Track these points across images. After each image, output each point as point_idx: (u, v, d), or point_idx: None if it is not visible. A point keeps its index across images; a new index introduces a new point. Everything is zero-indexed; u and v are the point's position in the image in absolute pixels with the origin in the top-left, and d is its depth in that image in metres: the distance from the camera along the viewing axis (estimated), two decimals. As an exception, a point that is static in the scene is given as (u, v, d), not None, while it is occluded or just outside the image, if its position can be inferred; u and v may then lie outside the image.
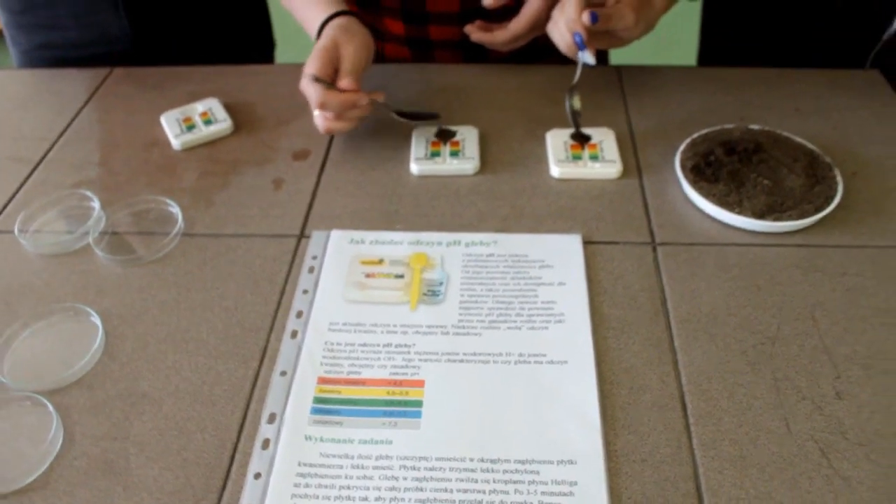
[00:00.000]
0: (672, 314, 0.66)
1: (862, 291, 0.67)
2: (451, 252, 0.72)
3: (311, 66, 0.78)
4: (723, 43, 1.14)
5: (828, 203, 0.74)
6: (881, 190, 0.78)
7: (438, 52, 1.04)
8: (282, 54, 1.29)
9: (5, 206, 0.81)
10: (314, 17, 0.86)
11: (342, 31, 0.82)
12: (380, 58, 0.99)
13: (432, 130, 0.86)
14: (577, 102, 0.85)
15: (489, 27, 0.92)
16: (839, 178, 0.77)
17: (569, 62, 0.84)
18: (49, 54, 1.08)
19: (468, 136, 0.85)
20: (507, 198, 0.79)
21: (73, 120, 0.93)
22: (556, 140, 0.84)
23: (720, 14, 1.13)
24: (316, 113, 0.79)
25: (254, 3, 1.22)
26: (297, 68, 0.80)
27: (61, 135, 0.91)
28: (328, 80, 0.78)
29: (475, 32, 0.92)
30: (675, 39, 1.38)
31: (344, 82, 0.78)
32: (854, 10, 0.99)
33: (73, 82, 1.00)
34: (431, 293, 0.68)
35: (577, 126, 0.84)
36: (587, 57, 0.80)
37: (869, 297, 0.67)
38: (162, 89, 0.97)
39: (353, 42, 0.81)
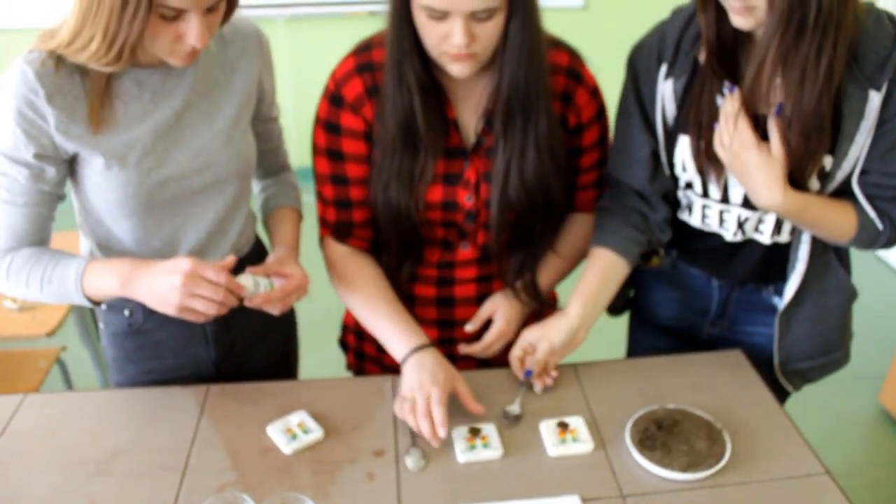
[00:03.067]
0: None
1: (753, 518, 1.11)
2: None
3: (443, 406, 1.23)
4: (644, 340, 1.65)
5: (723, 456, 1.20)
6: (754, 441, 1.24)
7: None
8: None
9: (173, 509, 1.15)
10: (401, 339, 1.32)
11: (444, 367, 1.29)
12: None
13: (465, 429, 1.27)
14: (516, 408, 1.30)
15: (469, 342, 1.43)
16: (727, 438, 1.23)
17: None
18: (151, 378, 1.45)
19: (491, 432, 1.27)
20: (522, 474, 1.20)
21: (196, 432, 1.29)
22: (547, 428, 1.27)
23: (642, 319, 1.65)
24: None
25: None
26: (354, 381, 1.24)
27: (192, 444, 1.26)
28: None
29: (462, 347, 1.42)
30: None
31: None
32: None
33: (183, 398, 1.36)
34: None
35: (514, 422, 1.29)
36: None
37: (757, 522, 1.10)
38: (255, 404, 1.35)
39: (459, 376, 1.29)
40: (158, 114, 1.23)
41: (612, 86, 1.40)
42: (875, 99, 1.15)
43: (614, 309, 1.64)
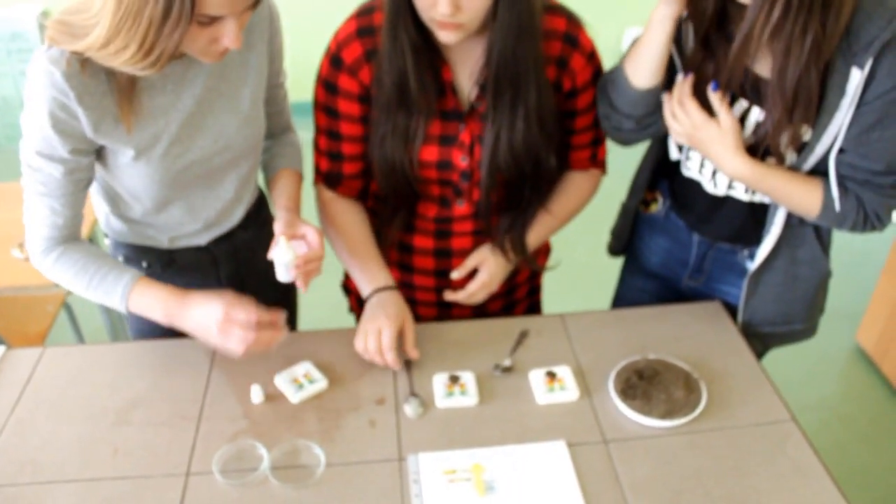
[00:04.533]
0: (624, 485, 1.17)
1: (722, 459, 1.21)
2: (496, 461, 1.21)
3: (391, 337, 1.34)
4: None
5: (698, 405, 1.30)
6: (728, 389, 1.34)
7: (421, 308, 1.61)
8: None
9: (190, 458, 1.24)
10: (368, 279, 1.42)
11: (398, 306, 1.38)
12: None
13: (445, 376, 1.36)
14: (507, 360, 1.39)
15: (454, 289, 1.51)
16: (703, 387, 1.33)
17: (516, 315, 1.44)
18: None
19: (469, 380, 1.36)
20: (512, 420, 1.30)
21: (208, 383, 1.38)
22: (536, 378, 1.37)
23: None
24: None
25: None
26: (350, 333, 1.38)
27: (205, 395, 1.35)
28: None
29: (448, 294, 1.51)
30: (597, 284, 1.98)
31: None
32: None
33: (194, 351, 1.44)
34: (489, 487, 1.17)
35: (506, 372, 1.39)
36: None
37: (725, 462, 1.20)
38: (262, 355, 1.42)
39: (410, 318, 1.38)
40: (181, 103, 1.27)
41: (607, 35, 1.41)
42: (856, 76, 1.18)
43: (615, 251, 1.76)
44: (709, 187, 1.43)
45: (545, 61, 1.32)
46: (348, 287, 1.76)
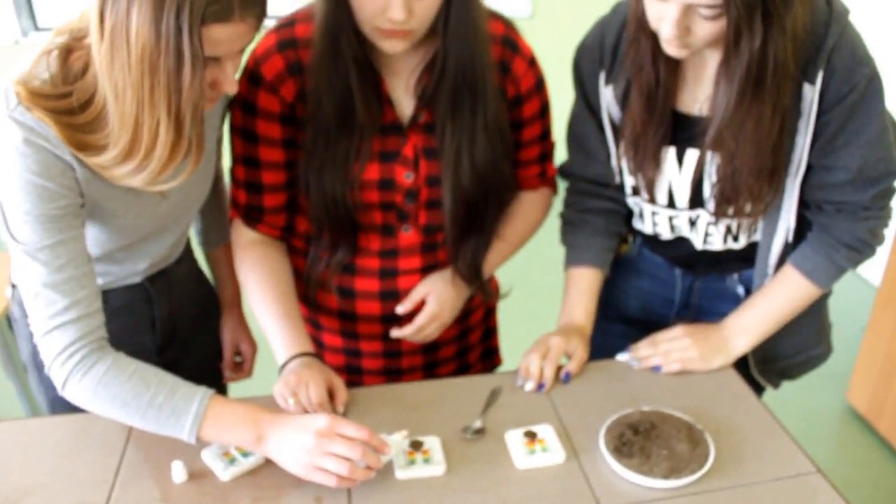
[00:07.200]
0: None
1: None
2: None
3: (319, 394, 1.16)
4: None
5: (707, 460, 1.09)
6: (738, 441, 1.15)
7: (366, 360, 1.44)
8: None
9: (93, 550, 1.00)
10: (287, 343, 1.25)
11: (328, 370, 1.23)
12: None
13: (406, 444, 1.15)
14: (478, 422, 1.19)
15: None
16: (709, 439, 1.13)
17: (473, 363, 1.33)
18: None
19: (434, 445, 1.14)
20: (487, 489, 1.08)
21: (121, 461, 1.15)
22: (514, 439, 1.16)
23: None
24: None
25: None
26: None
27: (116, 476, 1.12)
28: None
29: (394, 331, 1.34)
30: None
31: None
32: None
33: (107, 425, 1.21)
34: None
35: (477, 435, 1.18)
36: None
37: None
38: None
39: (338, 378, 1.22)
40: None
41: (563, 91, 1.39)
42: (809, 93, 1.10)
43: None
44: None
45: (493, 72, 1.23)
46: None
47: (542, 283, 2.27)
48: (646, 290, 1.48)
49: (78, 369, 1.06)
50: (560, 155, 1.41)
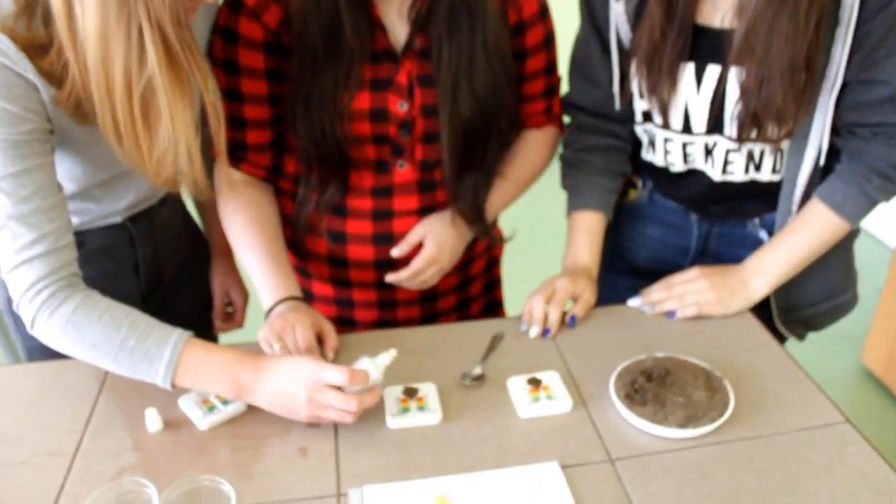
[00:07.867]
0: (642, 516, 0.87)
1: (765, 473, 0.92)
2: (468, 492, 0.90)
3: (307, 337, 1.07)
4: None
5: (727, 408, 1.00)
6: (759, 389, 1.06)
7: (358, 310, 1.34)
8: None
9: (56, 501, 0.92)
10: (274, 286, 1.15)
11: (317, 314, 1.14)
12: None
13: (398, 389, 1.06)
14: (477, 368, 1.10)
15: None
16: (729, 387, 1.04)
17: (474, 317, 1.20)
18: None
19: (430, 392, 1.06)
20: (487, 439, 0.99)
21: (93, 409, 1.06)
22: (516, 387, 1.07)
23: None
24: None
25: None
26: None
27: (87, 425, 1.03)
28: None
29: (389, 275, 1.24)
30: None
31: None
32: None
33: (81, 372, 1.13)
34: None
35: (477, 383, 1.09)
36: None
37: (770, 477, 0.91)
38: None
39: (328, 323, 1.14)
40: None
41: (569, 29, 1.30)
42: (849, 0, 1.00)
43: None
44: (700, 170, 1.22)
45: None
46: None
47: (550, 246, 2.17)
48: (657, 239, 1.39)
49: (46, 307, 0.97)
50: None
